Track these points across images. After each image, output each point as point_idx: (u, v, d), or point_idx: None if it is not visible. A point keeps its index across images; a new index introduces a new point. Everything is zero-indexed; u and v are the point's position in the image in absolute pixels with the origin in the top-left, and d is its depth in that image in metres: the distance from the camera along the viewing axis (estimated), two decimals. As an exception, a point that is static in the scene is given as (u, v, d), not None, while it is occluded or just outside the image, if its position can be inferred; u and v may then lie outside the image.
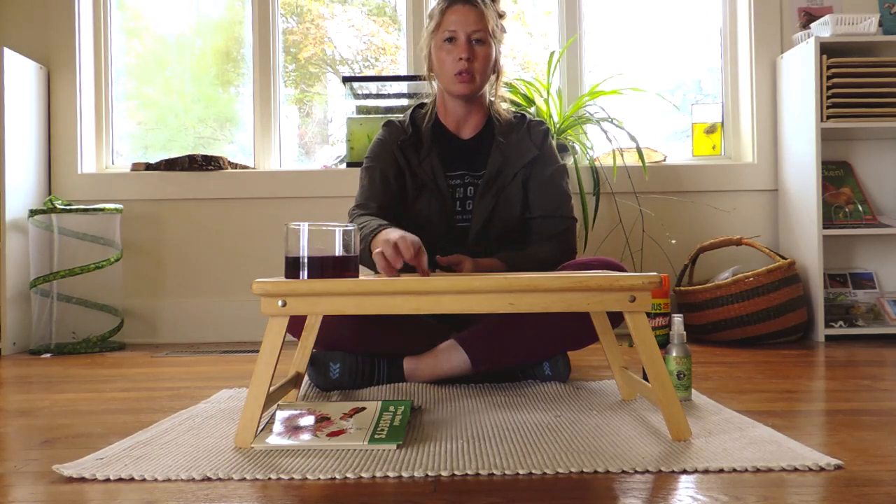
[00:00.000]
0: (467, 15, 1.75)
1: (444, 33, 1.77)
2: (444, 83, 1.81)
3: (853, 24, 2.58)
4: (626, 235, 2.79)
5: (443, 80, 1.81)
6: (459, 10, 1.76)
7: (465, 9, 1.75)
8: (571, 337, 1.70)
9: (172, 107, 3.13)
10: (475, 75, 1.77)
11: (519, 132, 1.85)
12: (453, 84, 1.78)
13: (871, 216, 2.72)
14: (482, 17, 1.75)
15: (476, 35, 1.75)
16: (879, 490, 0.96)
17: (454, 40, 1.76)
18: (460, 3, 1.76)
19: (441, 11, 1.78)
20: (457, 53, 1.75)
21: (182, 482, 1.03)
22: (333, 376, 1.66)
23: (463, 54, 1.74)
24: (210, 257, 2.89)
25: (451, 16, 1.76)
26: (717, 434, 1.23)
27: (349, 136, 2.78)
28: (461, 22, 1.75)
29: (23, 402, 1.67)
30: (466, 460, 1.09)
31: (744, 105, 2.96)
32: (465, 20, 1.75)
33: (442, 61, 1.78)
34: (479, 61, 1.76)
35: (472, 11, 1.75)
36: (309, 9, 3.16)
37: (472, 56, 1.75)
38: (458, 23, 1.75)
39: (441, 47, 1.78)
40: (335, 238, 1.25)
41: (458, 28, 1.75)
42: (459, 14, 1.75)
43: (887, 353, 2.22)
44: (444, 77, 1.80)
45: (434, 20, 1.80)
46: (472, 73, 1.76)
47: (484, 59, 1.77)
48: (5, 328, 2.57)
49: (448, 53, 1.77)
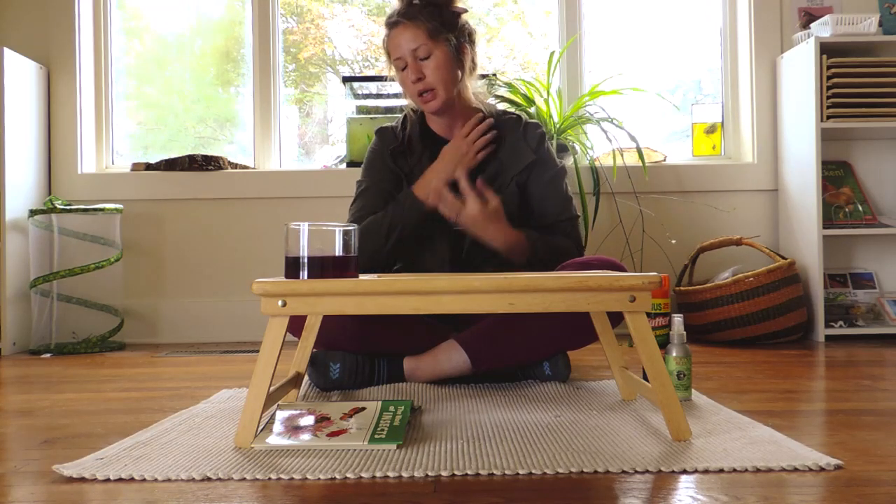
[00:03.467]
0: (401, 36, 1.76)
1: (395, 62, 1.79)
2: (418, 106, 1.84)
3: (853, 24, 2.58)
4: (626, 235, 2.80)
5: (415, 104, 1.84)
6: (394, 35, 1.77)
7: (397, 31, 1.76)
8: (571, 337, 1.70)
9: (172, 107, 3.14)
10: (436, 89, 1.77)
11: (515, 134, 1.85)
12: (422, 105, 1.80)
13: (871, 216, 2.72)
14: (415, 31, 1.75)
15: (419, 52, 1.76)
16: (879, 490, 0.96)
17: (404, 68, 1.78)
18: (392, 28, 1.78)
19: (384, 43, 1.81)
20: (410, 76, 1.77)
21: (182, 482, 1.03)
22: (333, 376, 1.66)
23: (413, 76, 1.76)
24: (210, 257, 2.89)
25: (390, 43, 1.79)
26: (717, 434, 1.23)
27: (349, 136, 2.78)
28: (399, 46, 1.76)
29: (23, 402, 1.67)
30: (466, 460, 1.09)
31: (744, 105, 2.96)
32: (400, 43, 1.76)
33: (404, 86, 1.81)
34: (430, 75, 1.76)
35: (405, 31, 1.75)
36: (309, 9, 3.16)
37: (422, 74, 1.76)
38: (397, 48, 1.77)
39: (399, 76, 1.81)
40: (335, 238, 1.25)
41: (400, 53, 1.76)
42: (395, 39, 1.77)
43: (887, 353, 2.22)
44: (413, 100, 1.83)
45: (385, 51, 1.83)
46: (431, 88, 1.77)
47: (436, 70, 1.76)
48: (5, 328, 2.57)
49: (405, 80, 1.79)
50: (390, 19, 1.79)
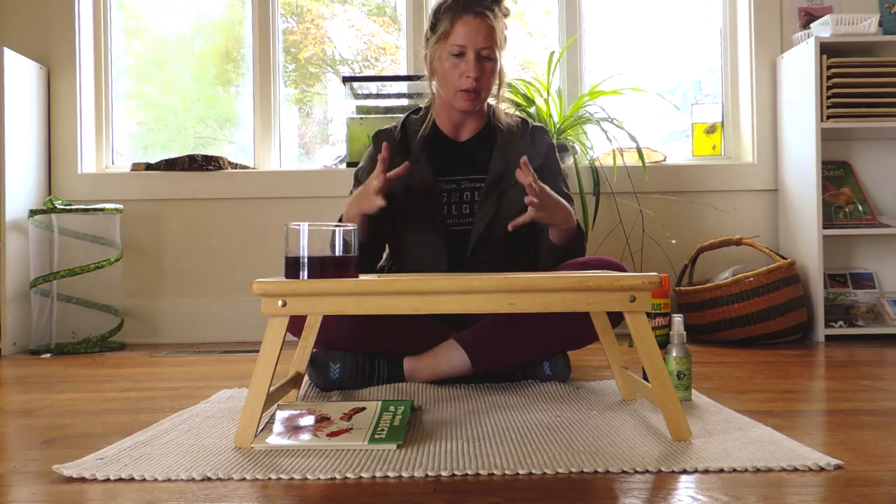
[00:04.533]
0: (478, 29, 1.68)
1: (451, 46, 1.70)
2: (447, 95, 1.76)
3: (853, 24, 2.58)
4: (626, 235, 2.79)
5: (446, 92, 1.76)
6: (470, 22, 1.68)
7: (476, 22, 1.68)
8: (571, 337, 1.70)
9: (172, 107, 3.13)
10: (481, 92, 1.73)
11: (523, 139, 1.83)
12: (458, 100, 1.74)
13: (871, 216, 2.72)
14: (492, 32, 1.69)
15: (485, 52, 1.70)
16: (879, 490, 0.96)
17: (462, 55, 1.70)
18: (471, 15, 1.68)
19: (451, 20, 1.70)
20: (464, 69, 1.70)
21: (182, 482, 1.03)
22: (333, 376, 1.66)
23: (472, 73, 1.69)
24: (210, 257, 2.89)
25: (461, 27, 1.69)
26: (717, 434, 1.23)
27: (349, 136, 2.78)
28: (471, 37, 1.68)
29: (23, 402, 1.67)
30: (466, 460, 1.09)
31: (744, 105, 2.96)
32: (475, 35, 1.68)
33: (447, 73, 1.73)
34: (485, 78, 1.72)
35: (483, 25, 1.68)
36: (309, 9, 3.16)
37: (480, 74, 1.70)
38: (467, 37, 1.68)
39: (447, 59, 1.72)
40: (335, 238, 1.25)
41: (468, 43, 1.68)
42: (470, 27, 1.68)
43: (887, 353, 2.22)
44: (448, 89, 1.74)
45: (441, 26, 1.72)
46: (479, 91, 1.72)
47: (490, 75, 1.73)
48: (5, 328, 2.57)
49: (454, 67, 1.71)
50: (474, 4, 1.69)
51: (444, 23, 1.71)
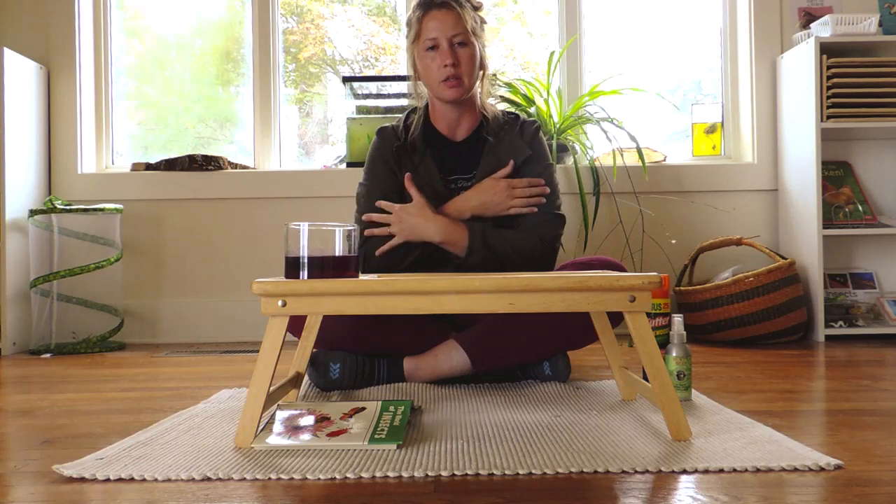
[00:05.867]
0: (444, 19, 1.74)
1: (425, 42, 1.76)
2: (432, 90, 1.81)
3: (853, 24, 2.58)
4: (626, 235, 2.79)
5: (431, 88, 1.80)
6: (436, 15, 1.75)
7: (442, 13, 1.75)
8: (571, 337, 1.70)
9: (172, 107, 3.13)
10: (463, 78, 1.76)
11: (512, 133, 1.85)
12: (443, 91, 1.77)
13: (871, 216, 2.72)
14: (460, 18, 1.74)
15: (457, 38, 1.75)
16: (879, 490, 0.96)
17: (436, 47, 1.76)
18: (435, 9, 1.75)
19: (418, 20, 1.78)
20: (441, 60, 1.75)
21: (182, 482, 1.03)
22: (333, 376, 1.66)
23: (448, 60, 1.74)
24: (210, 257, 2.89)
25: (430, 22, 1.76)
26: (717, 434, 1.23)
27: (349, 136, 2.78)
28: (440, 28, 1.74)
29: (23, 402, 1.67)
30: (466, 460, 1.09)
31: (744, 105, 2.96)
32: (443, 25, 1.74)
33: (427, 69, 1.78)
34: (464, 64, 1.76)
35: (450, 15, 1.74)
36: (309, 9, 3.16)
37: (456, 61, 1.75)
38: (437, 29, 1.75)
39: (424, 55, 1.78)
40: (335, 238, 1.25)
41: (438, 34, 1.74)
42: (437, 20, 1.75)
43: (887, 353, 2.22)
44: (432, 84, 1.79)
45: (413, 29, 1.80)
46: (459, 77, 1.75)
47: (469, 61, 1.77)
48: (5, 328, 2.57)
49: (432, 61, 1.76)
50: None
51: (415, 24, 1.79)
